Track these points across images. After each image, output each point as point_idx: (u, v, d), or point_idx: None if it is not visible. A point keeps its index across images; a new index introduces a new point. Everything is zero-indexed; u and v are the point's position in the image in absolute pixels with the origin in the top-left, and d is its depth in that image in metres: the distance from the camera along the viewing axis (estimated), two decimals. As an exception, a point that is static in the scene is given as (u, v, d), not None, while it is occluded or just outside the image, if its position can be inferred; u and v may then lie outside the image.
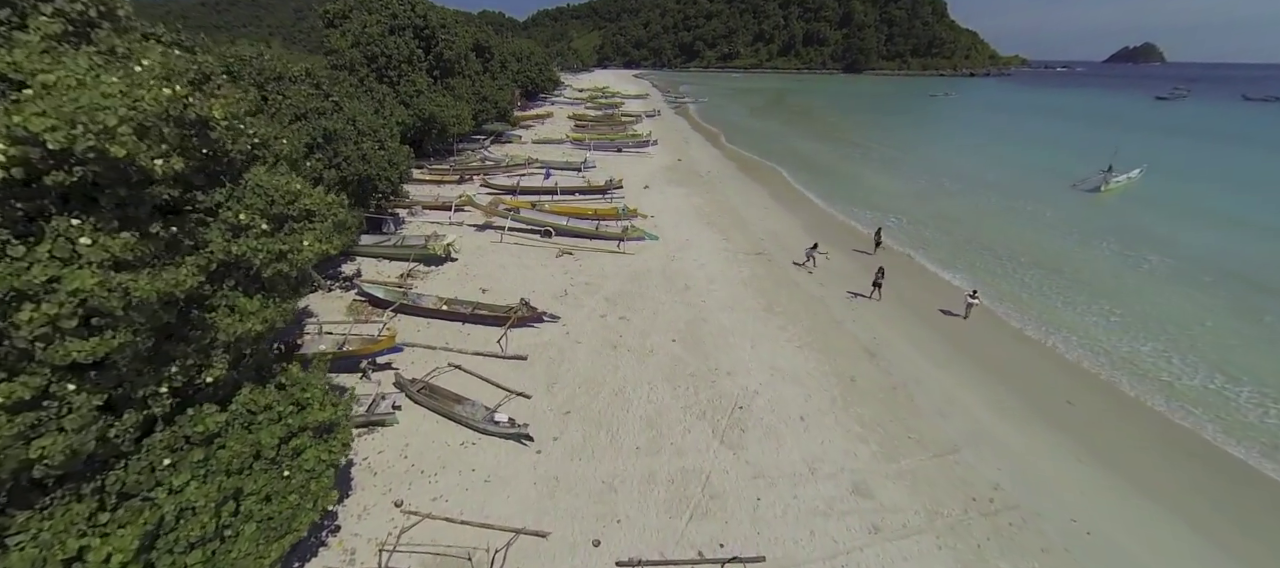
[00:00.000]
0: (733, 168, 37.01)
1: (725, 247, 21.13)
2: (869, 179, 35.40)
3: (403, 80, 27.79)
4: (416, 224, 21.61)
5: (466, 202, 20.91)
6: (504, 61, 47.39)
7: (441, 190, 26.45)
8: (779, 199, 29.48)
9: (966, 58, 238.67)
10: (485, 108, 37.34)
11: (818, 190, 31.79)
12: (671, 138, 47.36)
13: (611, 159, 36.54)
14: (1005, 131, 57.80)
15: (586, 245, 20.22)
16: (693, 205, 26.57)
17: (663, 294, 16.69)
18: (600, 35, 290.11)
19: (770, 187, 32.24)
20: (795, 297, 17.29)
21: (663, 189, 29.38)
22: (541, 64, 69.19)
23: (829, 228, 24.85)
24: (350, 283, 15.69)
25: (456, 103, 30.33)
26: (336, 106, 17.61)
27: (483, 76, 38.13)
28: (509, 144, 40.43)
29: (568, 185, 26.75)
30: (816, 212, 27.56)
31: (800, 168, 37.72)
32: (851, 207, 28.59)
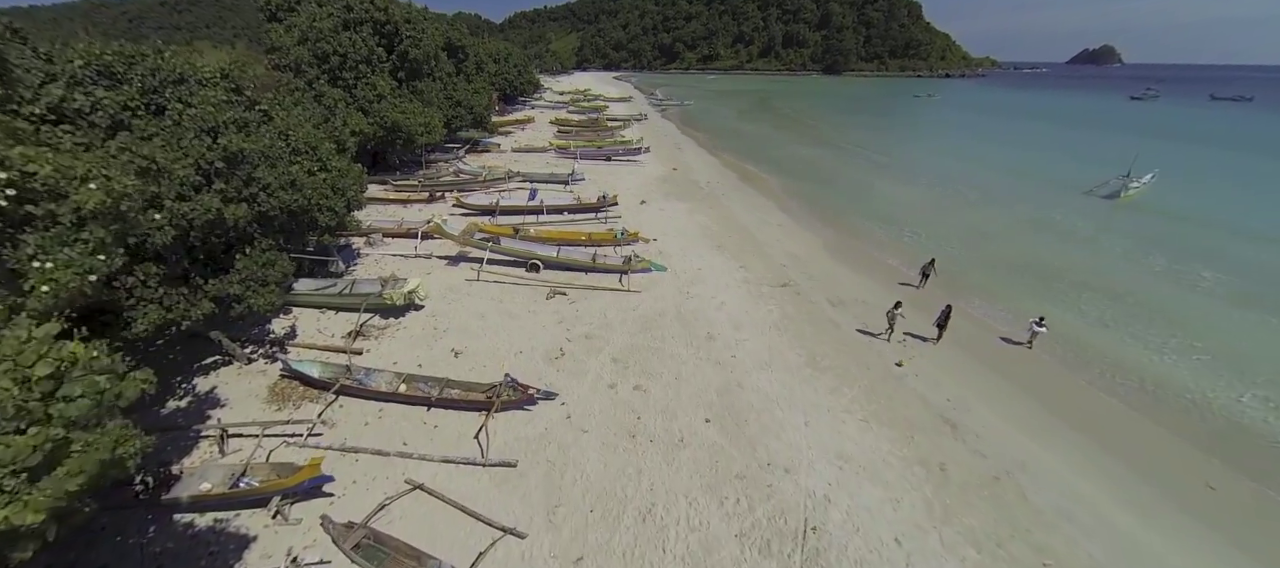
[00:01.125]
0: (733, 178, 34.03)
1: (744, 277, 17.99)
2: (881, 188, 32.81)
3: (361, 83, 23.97)
4: (375, 258, 17.92)
5: (436, 229, 17.32)
6: (480, 63, 43.61)
7: (407, 212, 22.73)
8: (791, 214, 26.55)
9: (942, 59, 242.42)
10: (459, 113, 33.59)
11: (830, 203, 29.01)
12: (662, 144, 44.23)
13: (601, 170, 33.17)
14: (1000, 135, 56.26)
15: (582, 281, 16.84)
16: (698, 224, 23.41)
17: (682, 348, 13.44)
18: (579, 37, 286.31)
19: (778, 199, 29.32)
20: (840, 345, 14.23)
21: (661, 204, 26.16)
22: (520, 66, 65.40)
23: (854, 250, 21.97)
24: (275, 353, 12.00)
25: (425, 109, 26.61)
26: (265, 117, 13.90)
27: (455, 79, 34.36)
28: (486, 153, 36.73)
29: (555, 203, 23.31)
30: (836, 228, 24.68)
31: (806, 176, 34.98)
32: (870, 221, 25.84)
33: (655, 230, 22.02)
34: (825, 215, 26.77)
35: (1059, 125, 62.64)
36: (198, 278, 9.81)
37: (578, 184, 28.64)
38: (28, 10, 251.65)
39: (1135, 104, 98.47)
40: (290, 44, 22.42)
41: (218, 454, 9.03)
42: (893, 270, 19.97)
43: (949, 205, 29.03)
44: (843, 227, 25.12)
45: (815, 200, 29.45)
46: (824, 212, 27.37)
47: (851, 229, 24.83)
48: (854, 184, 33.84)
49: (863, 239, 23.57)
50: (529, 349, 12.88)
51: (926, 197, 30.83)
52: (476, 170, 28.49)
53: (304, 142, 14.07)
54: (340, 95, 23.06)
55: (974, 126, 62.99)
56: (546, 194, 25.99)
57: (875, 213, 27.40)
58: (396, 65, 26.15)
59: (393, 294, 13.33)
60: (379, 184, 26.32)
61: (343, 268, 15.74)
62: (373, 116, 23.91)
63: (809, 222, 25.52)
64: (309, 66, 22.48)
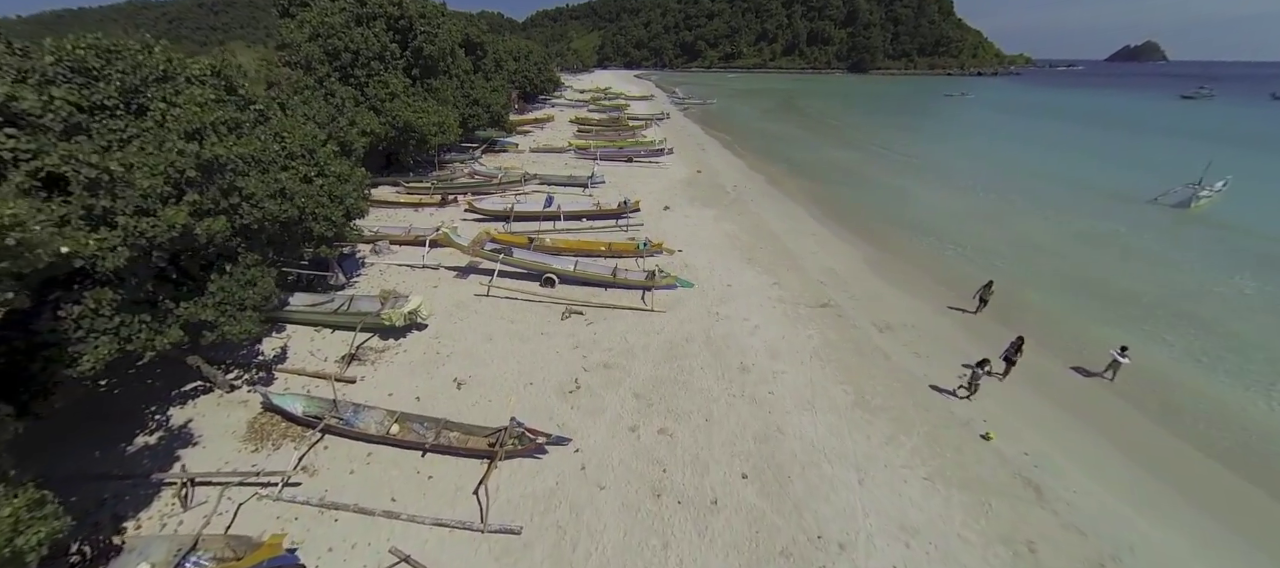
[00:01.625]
0: (760, 181, 32.22)
1: (778, 295, 16.30)
2: (919, 195, 30.59)
3: (373, 81, 22.95)
4: (380, 269, 16.76)
5: (444, 239, 16.07)
6: (499, 60, 42.56)
7: (418, 217, 21.62)
8: (824, 222, 24.68)
9: (974, 56, 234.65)
10: (476, 113, 32.51)
11: (865, 210, 27.00)
12: (686, 144, 42.56)
13: (622, 172, 31.72)
14: (1042, 137, 53.03)
15: (601, 298, 15.38)
16: (725, 233, 21.75)
17: (712, 380, 11.87)
18: (600, 35, 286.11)
19: (809, 205, 27.43)
20: (891, 379, 12.48)
21: (686, 210, 24.56)
22: (540, 64, 64.37)
23: (897, 265, 20.04)
24: (258, 383, 10.82)
25: (440, 108, 25.51)
26: (261, 117, 12.79)
27: (473, 77, 33.29)
28: (504, 153, 35.62)
29: (573, 208, 21.91)
30: (874, 240, 22.73)
31: (837, 180, 32.95)
32: (910, 232, 23.79)
33: (680, 240, 20.45)
34: (861, 224, 24.82)
35: (1106, 128, 58.79)
36: (167, 301, 8.65)
37: (597, 187, 27.24)
38: (77, 11, 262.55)
39: (1188, 104, 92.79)
40: (301, 40, 21.49)
41: (180, 508, 7.84)
42: (940, 289, 18.02)
43: (994, 215, 26.74)
44: (881, 238, 23.15)
45: (849, 207, 27.48)
46: (860, 220, 25.40)
47: (891, 241, 22.85)
48: (889, 190, 31.68)
49: (904, 252, 21.59)
50: (540, 381, 11.47)
51: (969, 205, 28.55)
52: (492, 172, 27.31)
53: (302, 144, 12.91)
54: (351, 93, 22.07)
55: (1013, 129, 59.61)
56: (564, 198, 24.64)
57: (915, 223, 25.32)
58: (410, 62, 25.09)
59: (392, 314, 12.07)
60: (391, 185, 25.36)
61: (343, 280, 14.59)
62: (385, 116, 22.87)
63: (844, 232, 23.62)
64: (320, 63, 21.52)
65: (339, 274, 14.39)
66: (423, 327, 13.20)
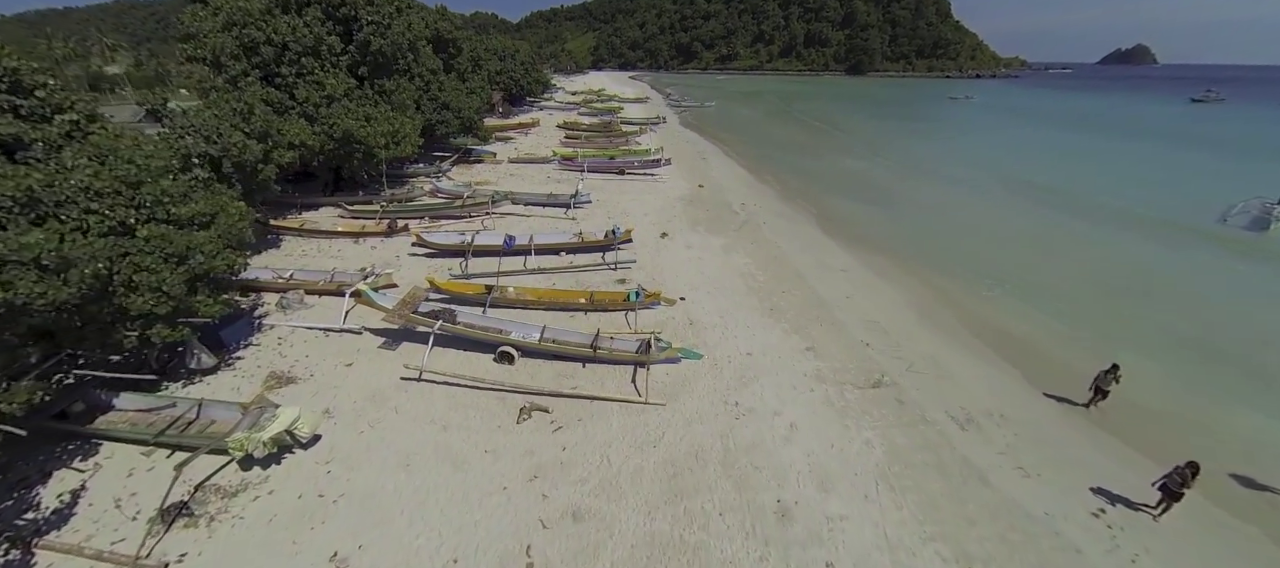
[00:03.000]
0: (771, 197, 28.17)
1: (815, 368, 12.21)
2: (950, 213, 26.64)
3: (304, 81, 18.72)
4: (279, 337, 12.50)
5: (364, 300, 11.82)
6: (477, 59, 38.31)
7: (357, 251, 17.38)
8: (852, 250, 20.64)
9: (972, 59, 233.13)
10: (445, 118, 28.28)
11: (896, 235, 23.01)
12: (684, 153, 38.49)
13: (612, 188, 27.58)
14: (1064, 147, 49.46)
15: (577, 379, 11.23)
16: (738, 270, 17.66)
17: (738, 541, 7.74)
18: (595, 37, 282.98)
19: (830, 228, 23.39)
20: (1003, 527, 8.40)
21: (688, 238, 20.45)
22: (527, 64, 60.14)
23: (952, 313, 16.01)
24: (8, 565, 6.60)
25: (394, 114, 21.27)
26: (76, 129, 8.57)
27: (442, 78, 29.05)
28: (479, 164, 31.39)
29: (548, 240, 17.71)
30: (915, 275, 18.72)
31: (856, 195, 28.97)
32: (955, 264, 19.78)
33: (683, 281, 16.33)
34: (894, 253, 20.81)
35: (1126, 137, 54.96)
36: None
37: (582, 207, 23.09)
38: (63, 11, 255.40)
39: (1200, 108, 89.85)
40: (212, 31, 17.22)
41: None
42: (1012, 349, 14.03)
43: (1042, 241, 22.82)
44: (922, 272, 19.15)
45: (876, 230, 23.47)
46: (891, 248, 21.40)
47: (934, 275, 18.84)
48: (914, 207, 27.73)
49: (954, 294, 17.57)
50: (472, 558, 7.27)
51: (1009, 228, 24.62)
52: (458, 190, 23.08)
53: (132, 173, 8.68)
54: (276, 97, 17.84)
55: (1029, 137, 55.86)
56: (541, 224, 20.50)
57: (954, 251, 21.38)
58: (356, 59, 20.85)
59: (249, 439, 7.83)
60: (333, 206, 21.08)
61: (208, 363, 10.31)
62: (320, 124, 18.62)
63: (879, 263, 19.59)
64: (235, 59, 17.26)
65: (199, 356, 10.11)
66: (305, 443, 8.95)
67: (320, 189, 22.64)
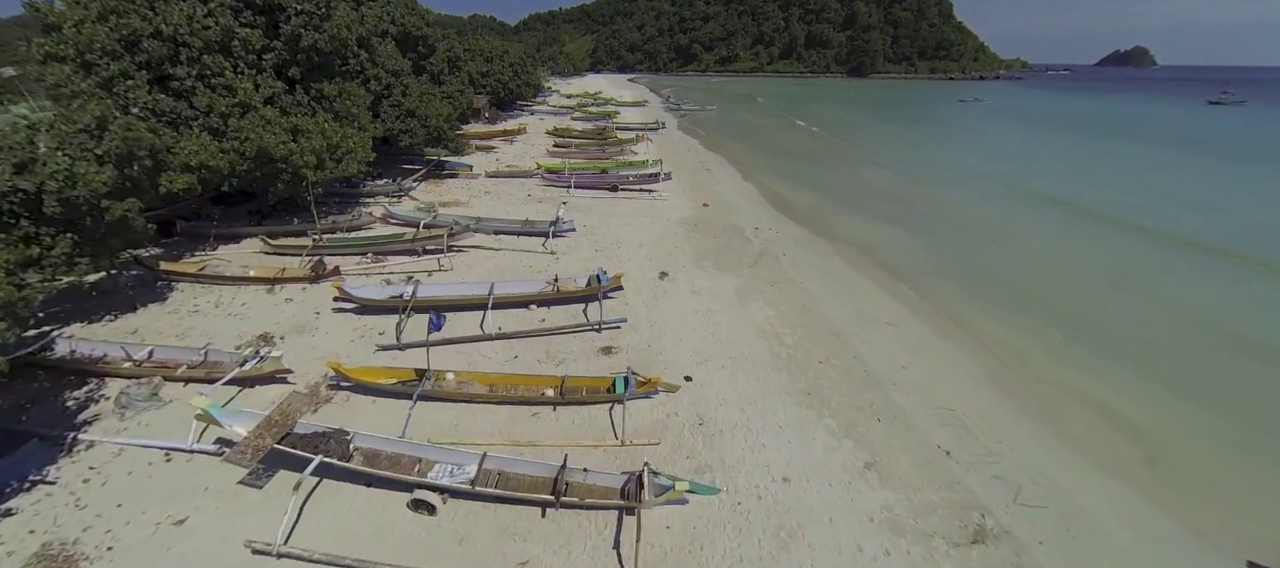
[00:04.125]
0: (788, 217, 24.27)
1: (883, 505, 8.30)
2: (1002, 239, 22.78)
3: (207, 86, 14.82)
4: (101, 454, 8.59)
5: (205, 419, 7.88)
6: (454, 60, 34.42)
7: (269, 304, 13.47)
8: (898, 294, 16.74)
9: (975, 60, 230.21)
10: (409, 127, 24.39)
11: (942, 268, 19.15)
12: (686, 165, 34.63)
13: (603, 208, 23.69)
14: (1094, 156, 45.85)
15: (533, 535, 7.36)
16: (759, 325, 13.75)
17: None
18: (593, 39, 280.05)
19: (864, 260, 19.49)
20: None
21: (693, 278, 16.54)
22: (517, 65, 56.29)
23: (1057, 400, 12.11)
24: None
25: (336, 126, 17.37)
26: None
27: (408, 81, 25.16)
28: (453, 179, 27.51)
29: (514, 292, 13.75)
30: (981, 332, 14.84)
31: (884, 215, 25.08)
32: (1029, 316, 15.90)
33: (688, 346, 12.44)
34: (947, 296, 16.96)
35: (1160, 144, 50.71)
36: None
37: (565, 235, 19.21)
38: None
39: (1221, 111, 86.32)
40: (75, 24, 13.31)
41: None
42: (1137, 448, 10.17)
43: (1123, 280, 18.96)
44: (985, 324, 15.29)
45: (917, 263, 19.59)
46: (941, 288, 17.54)
47: (1001, 330, 14.98)
48: (952, 230, 23.88)
49: (1033, 355, 13.73)
50: None
51: (1076, 260, 20.75)
52: (414, 216, 19.16)
53: None
54: (167, 104, 13.94)
55: (1053, 145, 51.87)
56: (510, 262, 16.59)
57: (1013, 289, 17.63)
58: (283, 58, 16.94)
59: None
60: (256, 235, 17.12)
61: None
62: (231, 139, 14.71)
63: (930, 311, 15.70)
64: (107, 59, 13.37)
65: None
66: None
67: (249, 215, 18.75)
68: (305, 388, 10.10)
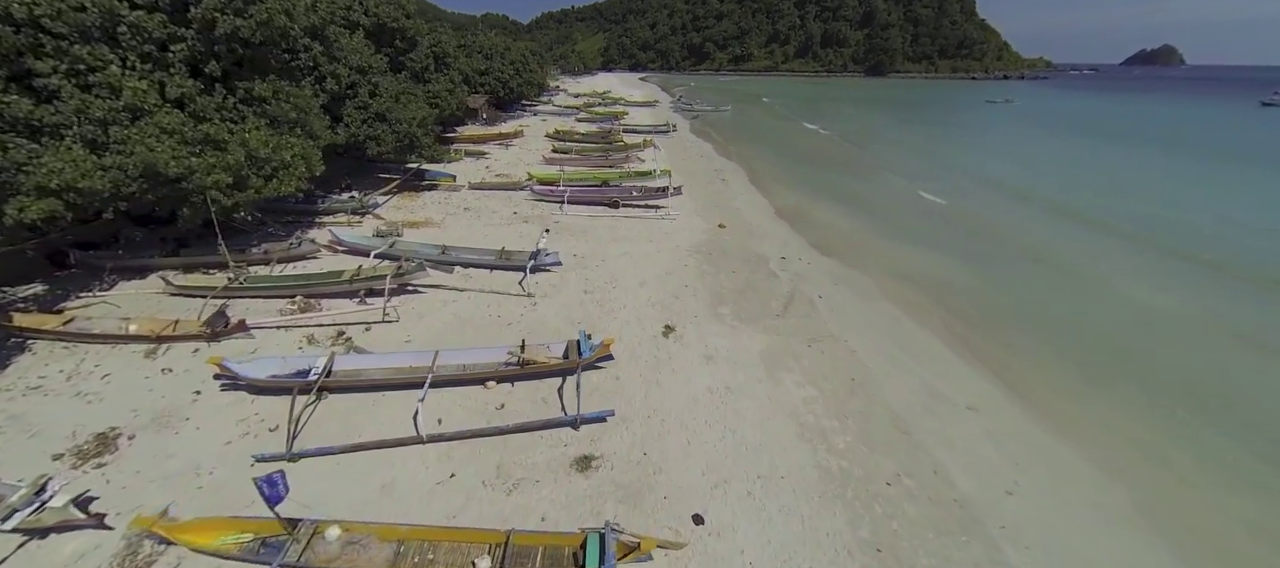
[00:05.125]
0: (819, 244, 20.46)
1: None
2: (1086, 282, 18.77)
3: (83, 85, 11.53)
4: None
5: None
6: (441, 56, 31.06)
7: (133, 376, 10.11)
8: (970, 354, 12.92)
9: (998, 59, 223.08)
10: (379, 134, 21.03)
11: (1023, 319, 15.22)
12: (698, 173, 30.96)
13: (600, 230, 20.10)
14: (1154, 169, 41.29)
15: None
16: (796, 414, 10.05)
17: None
18: (605, 38, 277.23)
19: (920, 308, 15.64)
20: None
21: (706, 332, 12.87)
22: (519, 63, 52.91)
23: (1200, 521, 8.28)
24: None
25: (258, 136, 13.99)
26: None
27: (377, 80, 21.78)
28: (432, 191, 24.14)
29: (461, 363, 10.25)
30: (1098, 414, 11.01)
31: (938, 243, 21.10)
32: (1147, 385, 12.02)
33: (701, 455, 8.80)
34: (1033, 362, 13.11)
35: (1221, 157, 45.10)
36: None
37: (547, 270, 15.66)
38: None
39: (1278, 114, 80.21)
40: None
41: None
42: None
43: (1231, 331, 14.93)
44: (1102, 409, 11.44)
45: (986, 311, 15.69)
46: (1024, 349, 13.67)
47: (1122, 421, 11.11)
48: (1012, 260, 19.92)
49: (1186, 468, 9.87)
50: None
51: (1167, 310, 16.66)
52: (366, 242, 15.73)
53: None
54: (24, 108, 10.65)
55: (1104, 156, 46.79)
56: (471, 311, 13.07)
57: (1117, 352, 13.71)
58: (196, 50, 13.61)
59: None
60: (157, 265, 13.82)
61: None
62: (114, 153, 11.40)
63: (1025, 390, 11.86)
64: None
65: None
66: None
67: (163, 242, 15.47)
68: (122, 543, 6.69)
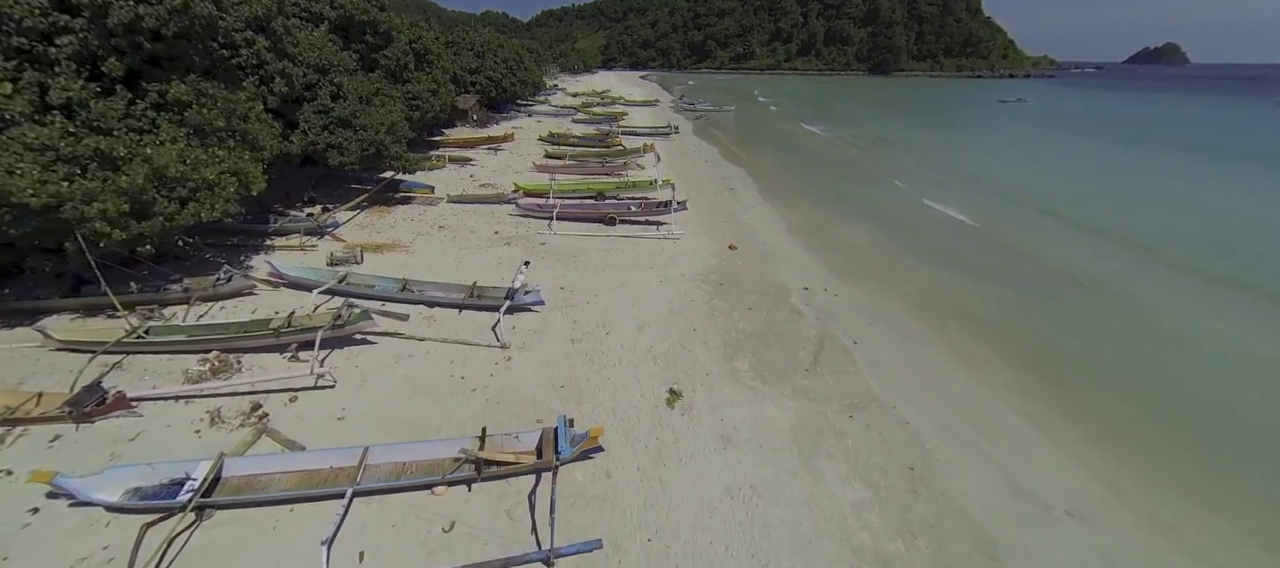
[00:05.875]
0: (845, 270, 17.77)
1: None
2: (1162, 324, 16.08)
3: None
4: None
5: None
6: (421, 53, 28.40)
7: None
8: (1062, 436, 10.26)
9: (1004, 57, 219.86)
10: (342, 142, 18.37)
11: (1114, 377, 12.49)
12: (704, 182, 28.30)
13: (593, 254, 17.43)
14: (1185, 183, 38.59)
15: None
16: (844, 533, 7.37)
17: None
18: (606, 36, 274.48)
19: (975, 358, 12.96)
20: None
21: (721, 396, 10.21)
22: (513, 61, 50.20)
23: None
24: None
25: (168, 150, 11.36)
26: None
27: (341, 79, 19.12)
28: (407, 204, 21.53)
29: (398, 461, 7.64)
30: (1247, 530, 8.37)
31: (981, 270, 18.37)
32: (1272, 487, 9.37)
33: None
34: (1136, 435, 10.46)
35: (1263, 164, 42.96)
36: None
37: (529, 308, 13.03)
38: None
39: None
40: None
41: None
42: None
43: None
44: (1236, 512, 8.81)
45: (1057, 362, 13.01)
46: (1122, 419, 11.01)
47: (1267, 521, 8.50)
48: (1070, 292, 17.21)
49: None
50: None
51: (1269, 362, 14.01)
52: (311, 276, 13.13)
53: None
54: None
55: (1133, 165, 43.97)
56: (438, 362, 10.40)
57: (1231, 422, 11.02)
58: (94, 46, 10.94)
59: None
60: (67, 308, 11.23)
61: None
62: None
63: (1135, 481, 9.21)
64: None
65: None
66: None
67: (57, 278, 12.81)
68: None
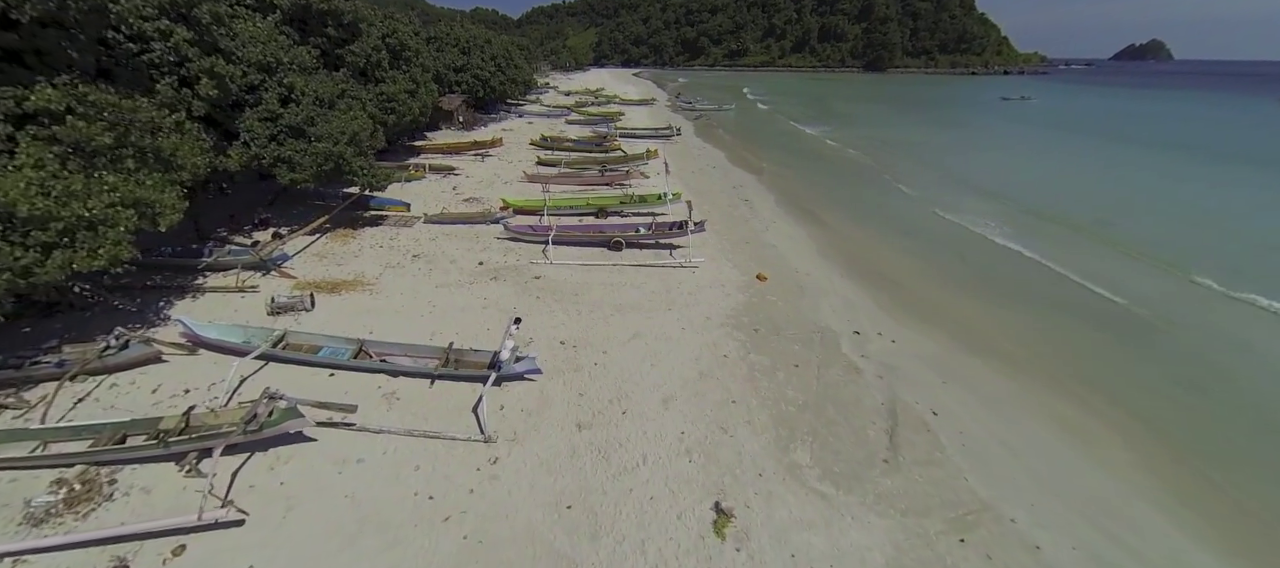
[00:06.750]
0: (903, 317, 15.00)
1: None
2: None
3: None
4: None
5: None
6: (396, 49, 25.25)
7: None
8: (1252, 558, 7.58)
9: (997, 54, 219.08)
10: (293, 156, 15.30)
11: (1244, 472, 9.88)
12: (716, 194, 25.43)
13: (596, 287, 14.51)
14: (1228, 193, 36.46)
15: None
16: None
17: None
18: (597, 32, 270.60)
19: (1091, 435, 10.27)
20: None
21: (784, 514, 7.36)
22: (502, 60, 47.02)
23: None
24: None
25: (24, 180, 8.35)
26: None
27: (295, 80, 16.05)
28: (376, 226, 18.50)
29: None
30: None
31: (1054, 302, 15.68)
32: None
33: None
34: None
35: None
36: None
37: (521, 378, 10.13)
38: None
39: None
40: None
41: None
42: None
43: None
44: None
45: (1202, 438, 10.37)
46: None
47: None
48: (1164, 333, 14.61)
49: None
50: None
51: None
52: (235, 339, 10.19)
53: None
54: None
55: (1167, 174, 41.85)
56: (400, 478, 7.44)
57: None
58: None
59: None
60: None
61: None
62: None
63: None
64: None
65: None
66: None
67: None
68: None
